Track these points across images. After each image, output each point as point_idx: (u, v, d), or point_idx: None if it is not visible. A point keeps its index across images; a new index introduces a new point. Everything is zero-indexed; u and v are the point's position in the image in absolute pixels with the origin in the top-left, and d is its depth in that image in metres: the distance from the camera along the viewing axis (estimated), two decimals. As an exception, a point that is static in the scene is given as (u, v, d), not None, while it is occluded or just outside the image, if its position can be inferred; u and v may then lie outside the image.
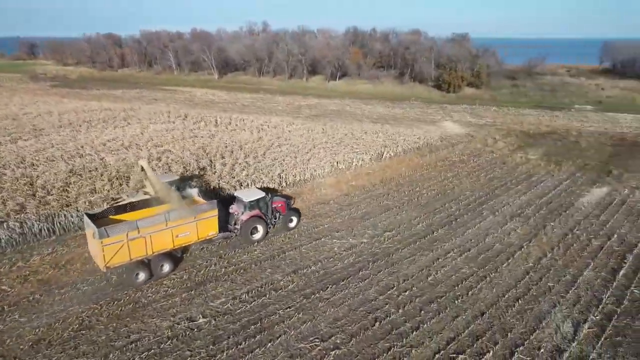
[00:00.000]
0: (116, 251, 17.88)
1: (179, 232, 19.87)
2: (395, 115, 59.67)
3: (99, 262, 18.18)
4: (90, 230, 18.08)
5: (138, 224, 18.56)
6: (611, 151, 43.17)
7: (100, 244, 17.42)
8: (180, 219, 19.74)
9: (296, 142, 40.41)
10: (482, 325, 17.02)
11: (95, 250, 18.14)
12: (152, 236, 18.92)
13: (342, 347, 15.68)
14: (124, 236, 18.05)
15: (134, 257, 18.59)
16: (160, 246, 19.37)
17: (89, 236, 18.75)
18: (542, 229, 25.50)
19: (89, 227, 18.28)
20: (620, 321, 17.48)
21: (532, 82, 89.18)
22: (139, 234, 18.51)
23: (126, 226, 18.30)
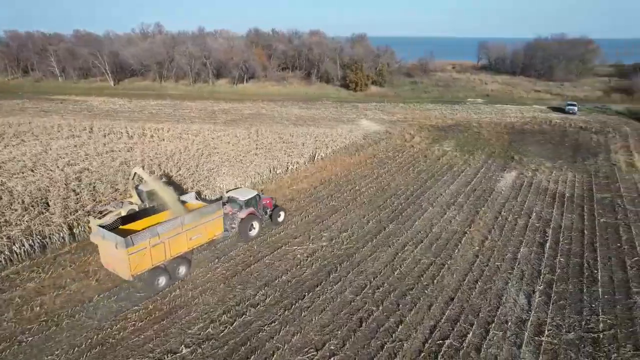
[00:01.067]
0: (140, 259, 18.32)
1: (192, 234, 20.55)
2: (313, 116, 60.70)
3: (123, 271, 18.38)
4: (110, 241, 18.11)
5: (158, 229, 18.97)
6: (508, 139, 49.10)
7: (126, 253, 17.66)
8: (194, 221, 20.42)
9: (226, 150, 39.12)
10: (455, 310, 18.41)
11: (117, 260, 18.29)
12: (170, 241, 19.47)
13: (338, 352, 15.82)
14: (147, 243, 18.48)
15: (155, 263, 19.06)
16: (176, 250, 19.94)
17: (106, 247, 18.75)
18: (476, 215, 28.19)
19: (109, 238, 18.29)
20: (559, 287, 20.20)
21: (427, 79, 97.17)
22: (159, 240, 18.98)
23: (149, 233, 18.66)
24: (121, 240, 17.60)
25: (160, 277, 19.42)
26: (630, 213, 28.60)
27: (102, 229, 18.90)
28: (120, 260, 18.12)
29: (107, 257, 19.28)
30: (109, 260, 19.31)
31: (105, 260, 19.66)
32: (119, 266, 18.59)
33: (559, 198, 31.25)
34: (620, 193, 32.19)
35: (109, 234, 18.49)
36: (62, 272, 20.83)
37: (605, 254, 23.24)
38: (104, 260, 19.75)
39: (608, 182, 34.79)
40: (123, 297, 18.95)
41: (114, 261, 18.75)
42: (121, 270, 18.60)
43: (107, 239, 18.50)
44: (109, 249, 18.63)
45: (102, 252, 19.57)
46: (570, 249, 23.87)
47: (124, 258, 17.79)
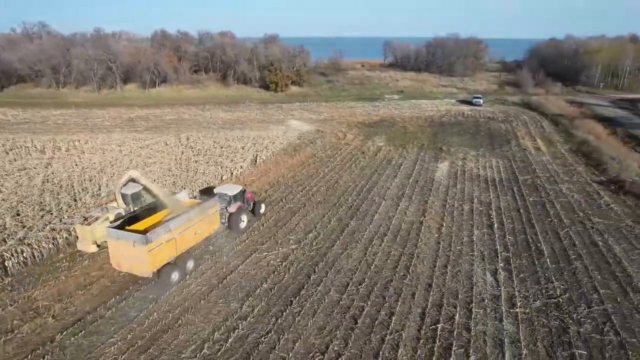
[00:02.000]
0: (157, 255, 18.88)
1: (197, 229, 21.39)
2: (240, 119, 59.32)
3: (141, 269, 18.84)
4: (127, 240, 18.47)
5: (170, 225, 19.63)
6: (431, 131, 52.78)
7: (146, 250, 18.18)
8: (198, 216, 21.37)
9: (164, 160, 36.75)
10: (436, 295, 19.49)
11: (135, 259, 18.61)
12: (179, 236, 20.10)
13: (343, 352, 15.88)
14: (162, 239, 19.03)
15: (168, 258, 19.63)
16: (185, 245, 20.74)
17: (121, 247, 18.85)
18: (425, 204, 29.98)
19: (124, 238, 18.63)
20: (515, 262, 22.39)
21: (342, 78, 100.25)
22: (172, 235, 19.57)
23: (162, 229, 19.20)
24: (140, 238, 18.18)
25: (173, 272, 19.81)
26: (550, 191, 32.60)
27: (115, 230, 19.04)
28: (138, 258, 18.52)
29: (121, 258, 19.21)
30: (122, 261, 19.33)
31: (117, 261, 19.54)
32: (136, 264, 18.87)
33: (491, 182, 34.49)
34: (537, 174, 36.50)
35: (125, 234, 18.80)
36: (3, 313, 17.99)
37: (542, 229, 26.24)
38: (115, 262, 19.60)
39: (525, 165, 39.21)
40: (92, 330, 16.97)
41: (130, 260, 18.90)
42: (139, 268, 18.96)
43: (123, 238, 18.66)
44: (123, 249, 18.74)
45: (114, 254, 19.44)
46: (514, 227, 26.52)
47: (144, 255, 18.28)
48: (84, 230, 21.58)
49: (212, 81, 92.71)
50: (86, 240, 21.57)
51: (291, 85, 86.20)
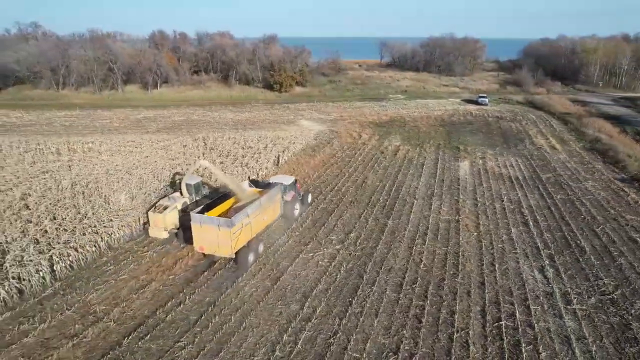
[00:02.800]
0: (238, 237, 20.66)
1: (265, 215, 23.18)
2: (250, 120, 59.02)
3: (225, 250, 20.59)
4: (212, 224, 20.33)
5: (248, 211, 21.46)
6: (443, 130, 53.15)
7: (230, 233, 20.00)
8: (267, 203, 23.33)
9: (188, 160, 36.41)
10: (491, 293, 19.69)
11: (219, 241, 20.37)
12: (253, 221, 21.94)
13: (416, 352, 15.97)
14: (242, 223, 20.85)
15: (245, 241, 21.37)
16: (257, 229, 22.61)
17: (205, 231, 20.51)
18: (457, 203, 30.23)
19: (210, 222, 20.48)
20: (559, 260, 22.68)
21: (344, 78, 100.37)
22: (249, 220, 21.50)
23: (242, 214, 21.02)
24: (225, 222, 20.18)
25: (249, 254, 21.37)
26: (575, 188, 33.10)
27: (200, 215, 20.96)
28: (223, 241, 20.29)
29: (205, 241, 20.89)
30: (206, 244, 20.98)
31: (200, 244, 21.18)
32: (220, 247, 20.61)
33: (515, 181, 34.89)
34: (559, 172, 37.02)
35: (210, 218, 20.77)
36: (63, 318, 17.73)
37: (577, 226, 26.64)
38: (199, 245, 21.24)
39: (544, 163, 39.74)
40: (157, 334, 16.81)
41: (215, 242, 20.56)
42: (222, 250, 20.73)
43: (208, 223, 20.50)
44: (208, 233, 20.49)
45: (198, 237, 21.01)
46: (549, 225, 26.87)
47: (228, 237, 20.09)
48: (156, 218, 23.38)
49: (213, 82, 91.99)
50: (158, 227, 23.55)
51: (295, 86, 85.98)
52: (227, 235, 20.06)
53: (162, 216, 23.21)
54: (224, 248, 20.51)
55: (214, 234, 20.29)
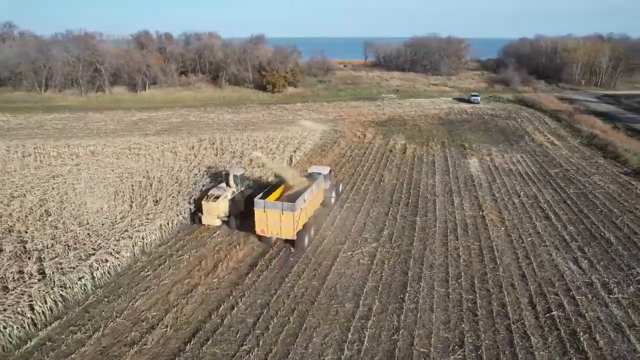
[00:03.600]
0: (298, 221, 22.72)
1: (315, 200, 25.41)
2: (250, 120, 58.51)
3: (287, 232, 22.67)
4: (276, 209, 22.41)
5: (305, 196, 23.57)
6: (444, 129, 54.03)
7: (293, 216, 22.15)
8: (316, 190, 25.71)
9: (206, 162, 35.96)
10: (534, 285, 20.26)
11: (282, 224, 22.48)
12: (308, 205, 23.99)
13: (480, 344, 16.29)
14: (300, 208, 22.84)
15: (302, 223, 23.43)
16: (310, 213, 24.74)
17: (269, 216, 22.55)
18: (476, 199, 30.84)
19: (274, 207, 22.56)
20: (590, 251, 23.42)
21: (332, 78, 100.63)
22: (305, 205, 23.53)
23: (301, 199, 23.10)
24: (289, 206, 22.22)
25: (305, 237, 23.09)
26: (585, 183, 34.27)
27: (263, 201, 22.90)
28: (285, 224, 22.42)
29: (268, 225, 22.80)
30: (268, 227, 22.90)
31: (262, 228, 23.03)
32: (283, 229, 22.65)
33: (526, 176, 35.85)
34: (565, 167, 38.22)
35: (274, 203, 22.88)
36: (115, 325, 17.29)
37: (597, 218, 27.60)
38: (260, 228, 23.08)
39: (548, 159, 40.96)
40: (218, 338, 16.59)
41: (278, 226, 22.62)
42: (285, 232, 22.74)
43: (272, 208, 22.57)
44: (271, 216, 22.52)
45: (260, 221, 22.90)
46: (570, 218, 27.75)
47: (291, 220, 22.23)
48: (210, 207, 25.09)
49: (203, 83, 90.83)
50: (212, 215, 25.31)
51: (287, 86, 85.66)
52: (290, 219, 22.22)
53: (215, 205, 24.94)
54: (287, 230, 22.61)
55: (277, 217, 22.39)
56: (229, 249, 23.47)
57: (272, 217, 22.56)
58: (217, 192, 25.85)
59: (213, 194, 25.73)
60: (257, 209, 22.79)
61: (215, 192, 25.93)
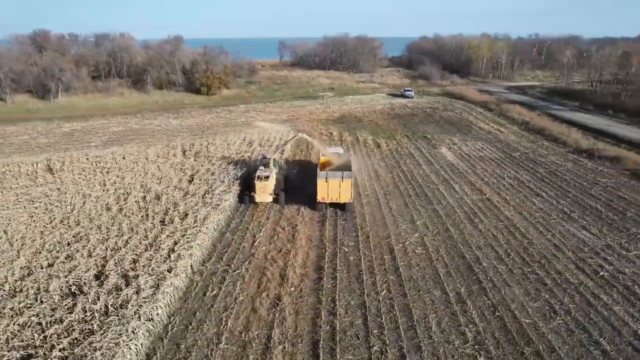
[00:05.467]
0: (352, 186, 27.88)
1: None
2: (202, 125, 55.57)
3: (346, 197, 27.63)
4: (336, 178, 27.26)
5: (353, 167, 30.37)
6: (398, 123, 57.17)
7: (351, 182, 27.41)
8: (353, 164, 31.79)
9: (202, 170, 33.62)
10: (569, 252, 23.12)
11: (341, 190, 27.40)
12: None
13: (567, 308, 18.34)
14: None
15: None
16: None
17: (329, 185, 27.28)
18: (472, 185, 33.69)
19: (334, 176, 27.35)
20: (588, 219, 27.30)
21: (263, 78, 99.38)
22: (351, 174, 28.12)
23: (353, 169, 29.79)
24: (347, 174, 27.45)
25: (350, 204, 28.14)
26: (546, 163, 39.31)
27: (325, 172, 27.87)
28: (344, 190, 27.38)
29: (328, 192, 27.48)
30: (328, 195, 27.55)
31: (323, 195, 27.58)
32: (342, 194, 27.50)
33: (497, 161, 39.98)
34: (522, 151, 43.27)
35: (334, 173, 27.72)
36: (221, 353, 16.06)
37: (577, 191, 32.05)
38: (321, 196, 27.60)
39: (504, 144, 46.00)
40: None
41: (337, 192, 27.44)
42: (344, 197, 27.62)
43: (332, 177, 27.27)
44: (332, 185, 27.27)
45: (322, 190, 27.42)
46: (556, 193, 31.84)
47: (349, 186, 27.36)
48: (263, 185, 28.26)
49: (124, 88, 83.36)
50: (265, 192, 28.45)
51: (222, 88, 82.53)
52: (348, 185, 27.21)
53: (268, 182, 28.31)
54: (345, 195, 27.49)
55: (337, 185, 27.14)
56: (284, 256, 22.77)
57: (333, 185, 27.20)
58: (264, 172, 28.92)
59: (261, 175, 28.65)
60: (320, 180, 27.25)
61: (261, 173, 28.89)
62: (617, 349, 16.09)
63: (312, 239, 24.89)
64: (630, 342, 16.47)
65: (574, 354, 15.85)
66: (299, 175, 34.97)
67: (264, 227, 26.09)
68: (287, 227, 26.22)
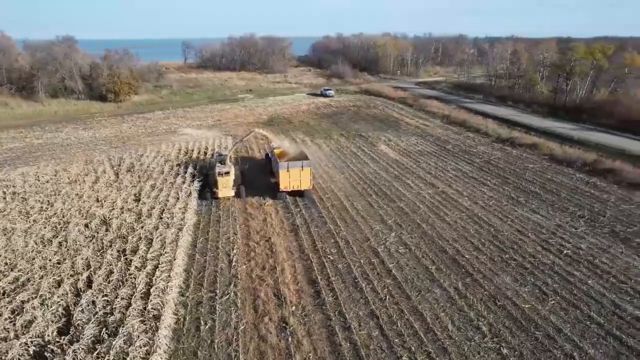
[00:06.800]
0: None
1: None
2: (122, 135, 50.06)
3: (307, 184, 30.11)
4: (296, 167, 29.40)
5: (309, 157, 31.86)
6: (328, 122, 57.44)
7: (310, 170, 29.96)
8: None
9: (147, 187, 29.98)
10: (533, 234, 25.09)
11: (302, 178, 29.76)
12: None
13: (549, 290, 19.80)
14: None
15: None
16: None
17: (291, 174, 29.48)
18: (423, 179, 35.03)
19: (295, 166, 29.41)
20: (534, 203, 30.01)
21: (170, 82, 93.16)
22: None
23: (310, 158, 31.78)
24: (307, 163, 29.87)
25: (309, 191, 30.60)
26: (478, 153, 42.44)
27: (287, 163, 29.48)
28: (305, 177, 29.79)
29: (290, 180, 29.64)
30: (290, 183, 29.71)
31: (285, 185, 29.66)
32: (302, 182, 29.87)
33: (435, 155, 42.14)
34: (453, 144, 46.20)
35: (295, 163, 29.63)
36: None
37: (514, 178, 34.98)
38: (284, 185, 29.65)
39: (434, 138, 48.68)
40: (368, 358, 15.61)
41: (298, 180, 29.72)
42: (304, 184, 30.00)
43: (293, 166, 29.37)
44: (293, 174, 29.48)
45: (284, 179, 29.51)
46: (498, 181, 34.43)
47: (309, 174, 29.88)
48: (226, 181, 29.52)
49: (7, 96, 72.02)
50: (228, 187, 29.67)
51: (132, 94, 75.39)
52: (308, 173, 29.70)
53: (229, 177, 29.65)
54: (305, 182, 29.85)
55: (298, 174, 29.40)
56: (270, 273, 21.27)
57: (294, 174, 29.34)
58: (224, 169, 29.76)
59: (222, 171, 29.50)
60: (282, 170, 29.16)
61: (220, 169, 29.63)
62: (607, 319, 17.71)
63: (291, 250, 23.69)
64: (613, 311, 18.24)
65: (577, 330, 17.07)
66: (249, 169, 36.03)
67: (236, 244, 24.21)
68: (261, 241, 24.63)
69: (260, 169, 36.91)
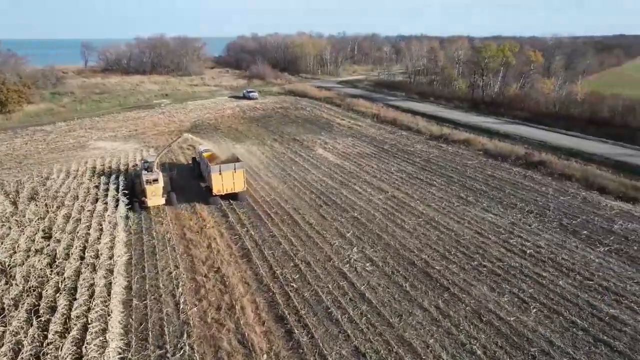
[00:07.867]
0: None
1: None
2: (16, 154, 42.21)
3: (240, 186, 29.33)
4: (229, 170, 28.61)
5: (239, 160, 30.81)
6: (258, 127, 54.22)
7: (243, 171, 29.34)
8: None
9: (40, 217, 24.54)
10: (493, 235, 24.76)
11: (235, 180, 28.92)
12: None
13: (522, 294, 19.23)
14: None
15: None
16: None
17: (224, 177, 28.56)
18: (370, 184, 33.73)
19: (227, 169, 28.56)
20: (483, 202, 30.06)
21: (71, 88, 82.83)
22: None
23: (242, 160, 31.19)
24: (239, 165, 29.03)
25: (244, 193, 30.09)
26: (416, 151, 42.36)
27: (218, 166, 28.44)
28: (238, 179, 29.00)
29: (223, 184, 28.63)
30: (223, 186, 28.70)
31: (219, 188, 28.66)
32: (236, 184, 29.00)
33: (374, 155, 41.29)
34: (390, 144, 45.72)
35: (227, 165, 28.70)
36: None
37: (457, 175, 35.07)
38: (217, 189, 28.64)
39: (371, 139, 47.93)
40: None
41: (231, 182, 28.78)
42: (238, 186, 29.20)
43: (226, 169, 28.43)
44: (226, 177, 28.50)
45: (217, 183, 28.46)
46: (443, 181, 34.20)
47: (242, 175, 29.21)
48: (155, 189, 27.91)
49: None
50: (157, 195, 28.04)
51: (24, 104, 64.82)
52: (241, 174, 29.06)
53: (158, 185, 28.01)
54: (239, 184, 29.16)
55: (231, 176, 28.59)
56: (228, 314, 18.11)
57: (227, 177, 28.49)
58: (152, 176, 27.97)
59: (149, 178, 27.74)
60: (214, 174, 28.15)
61: (148, 177, 27.87)
62: (589, 323, 17.39)
63: (247, 281, 20.68)
64: (592, 312, 18.02)
65: (567, 341, 16.45)
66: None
67: (180, 280, 20.56)
68: (209, 273, 21.27)
69: (189, 175, 35.13)
